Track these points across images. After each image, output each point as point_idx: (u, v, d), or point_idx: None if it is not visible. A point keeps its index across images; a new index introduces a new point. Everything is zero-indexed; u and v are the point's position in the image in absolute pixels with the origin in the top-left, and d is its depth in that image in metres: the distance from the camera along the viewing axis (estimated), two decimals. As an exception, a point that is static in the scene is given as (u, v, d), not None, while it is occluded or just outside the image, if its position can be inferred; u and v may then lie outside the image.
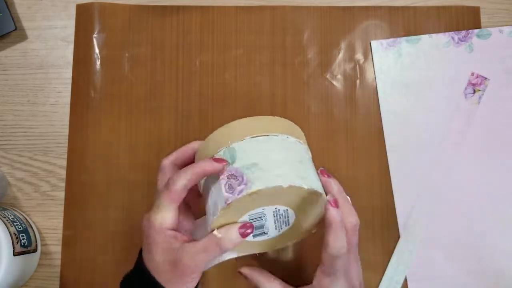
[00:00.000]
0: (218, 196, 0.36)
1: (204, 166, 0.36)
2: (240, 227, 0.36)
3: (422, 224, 0.51)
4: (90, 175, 0.52)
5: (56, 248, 0.51)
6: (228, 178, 0.36)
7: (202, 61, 0.53)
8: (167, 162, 0.41)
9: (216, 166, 0.36)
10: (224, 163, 0.36)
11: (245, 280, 0.45)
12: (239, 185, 0.35)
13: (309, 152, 0.41)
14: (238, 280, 0.48)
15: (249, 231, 0.36)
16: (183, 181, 0.36)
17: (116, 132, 0.52)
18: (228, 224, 0.37)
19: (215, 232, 0.36)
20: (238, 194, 0.35)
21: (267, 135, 0.37)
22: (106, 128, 0.52)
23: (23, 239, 0.48)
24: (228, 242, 0.36)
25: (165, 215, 0.37)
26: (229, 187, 0.35)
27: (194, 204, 0.43)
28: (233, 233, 0.36)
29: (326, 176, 0.40)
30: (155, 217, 0.37)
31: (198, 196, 0.42)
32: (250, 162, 0.36)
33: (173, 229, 0.38)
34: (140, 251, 0.41)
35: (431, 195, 0.51)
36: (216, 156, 0.37)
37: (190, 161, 0.41)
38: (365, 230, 0.51)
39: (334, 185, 0.40)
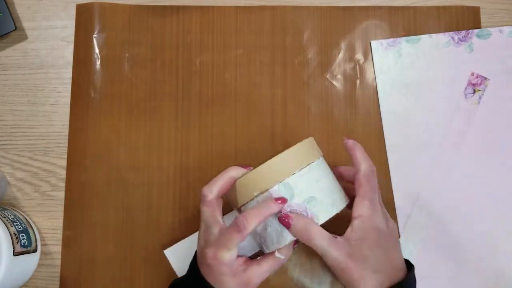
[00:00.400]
0: (282, 227, 0.40)
1: (271, 208, 0.39)
2: (294, 245, 0.42)
3: (422, 224, 0.51)
4: (90, 175, 0.52)
5: (56, 248, 0.51)
6: (291, 213, 0.39)
7: (202, 61, 0.53)
8: (212, 196, 0.41)
9: (281, 206, 0.39)
10: (285, 203, 0.39)
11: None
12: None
13: (326, 163, 0.44)
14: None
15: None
16: (255, 223, 0.39)
17: (116, 132, 0.52)
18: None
19: (277, 254, 0.41)
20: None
21: (309, 165, 0.40)
22: (106, 128, 0.52)
23: (23, 239, 0.48)
24: (286, 259, 0.41)
25: (234, 253, 0.39)
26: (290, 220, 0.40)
27: None
28: (289, 251, 0.41)
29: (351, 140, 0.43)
30: (224, 255, 0.39)
31: None
32: (308, 196, 0.40)
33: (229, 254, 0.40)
34: (192, 273, 0.42)
35: (431, 195, 0.51)
36: (271, 191, 0.39)
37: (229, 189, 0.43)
38: (365, 230, 0.51)
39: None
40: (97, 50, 0.53)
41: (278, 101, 0.53)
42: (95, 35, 0.53)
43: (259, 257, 0.42)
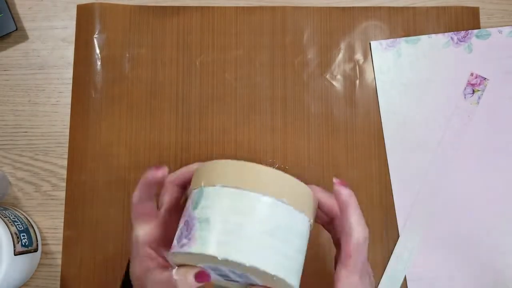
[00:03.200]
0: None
1: (146, 175, 0.36)
2: (196, 275, 0.32)
3: (422, 224, 0.51)
4: (91, 175, 0.52)
5: (56, 247, 0.52)
6: (184, 224, 0.31)
7: (202, 62, 0.54)
8: (168, 180, 0.38)
9: (155, 174, 0.36)
10: (164, 171, 0.36)
11: None
12: (185, 237, 0.31)
13: (306, 234, 0.33)
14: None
15: (205, 279, 0.33)
16: (136, 194, 0.37)
17: (116, 132, 0.52)
18: (187, 265, 0.33)
19: (174, 272, 0.32)
20: (180, 248, 0.31)
21: (248, 190, 0.30)
22: (107, 128, 0.52)
23: (24, 238, 0.48)
24: (184, 286, 0.33)
25: (142, 232, 0.36)
26: (180, 233, 0.32)
27: None
28: (189, 278, 0.32)
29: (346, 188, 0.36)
30: (133, 235, 0.37)
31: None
32: (205, 216, 0.30)
33: (152, 246, 0.37)
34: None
35: (430, 195, 0.51)
36: (191, 192, 0.33)
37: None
38: (364, 229, 0.51)
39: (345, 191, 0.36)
40: (97, 51, 0.53)
41: (278, 101, 0.53)
42: (95, 36, 0.54)
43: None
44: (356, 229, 0.34)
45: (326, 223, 0.37)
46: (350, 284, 0.34)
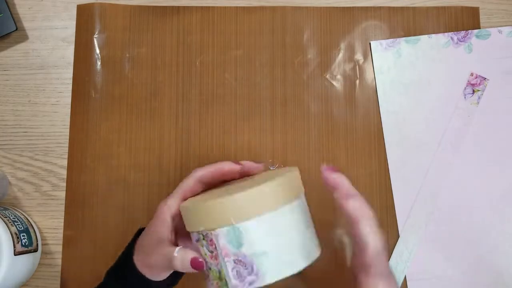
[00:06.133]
0: (226, 274, 0.34)
1: (223, 164, 0.38)
2: (192, 260, 0.35)
3: (422, 223, 0.51)
4: (91, 175, 0.52)
5: (56, 247, 0.52)
6: (235, 262, 0.33)
7: (202, 62, 0.54)
8: (198, 174, 0.39)
9: (234, 167, 0.38)
10: (240, 167, 0.38)
11: None
12: (249, 274, 0.33)
13: (306, 204, 0.37)
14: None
15: (200, 266, 0.35)
16: (201, 172, 0.38)
17: (116, 132, 0.53)
18: (188, 249, 0.36)
19: (176, 250, 0.35)
20: (249, 285, 0.33)
21: (275, 210, 0.33)
22: (107, 128, 0.53)
23: (24, 238, 0.48)
24: (179, 265, 0.35)
25: (174, 203, 0.38)
26: (237, 273, 0.33)
27: None
28: (186, 261, 0.35)
29: (333, 173, 0.36)
30: (165, 202, 0.38)
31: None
32: (260, 250, 0.32)
33: (174, 219, 0.38)
34: (141, 228, 0.42)
35: (430, 195, 0.51)
36: (218, 231, 0.33)
37: (217, 179, 0.40)
38: (364, 229, 0.51)
39: (345, 181, 0.36)
40: (97, 51, 0.53)
41: (278, 101, 0.53)
42: (95, 36, 0.54)
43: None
44: (370, 240, 0.33)
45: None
46: None
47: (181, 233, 0.39)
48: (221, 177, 0.39)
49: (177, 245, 0.37)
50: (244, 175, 0.40)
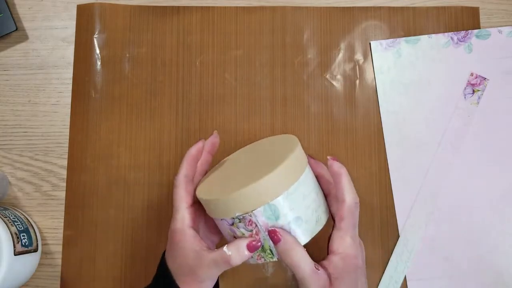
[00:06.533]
0: (270, 245, 0.38)
1: (189, 151, 0.42)
2: (248, 246, 0.37)
3: (422, 223, 0.51)
4: (91, 175, 0.52)
5: (56, 247, 0.52)
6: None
7: (202, 62, 0.54)
8: (180, 177, 0.41)
9: (198, 146, 0.42)
10: (202, 142, 0.43)
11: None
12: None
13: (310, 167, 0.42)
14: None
15: (257, 247, 0.37)
16: (182, 173, 0.41)
17: (116, 132, 0.53)
18: (236, 239, 0.38)
19: (225, 249, 0.37)
20: None
21: (297, 181, 0.37)
22: (107, 128, 0.53)
23: (24, 238, 0.48)
24: (237, 259, 0.37)
25: (182, 215, 0.40)
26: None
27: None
28: (242, 250, 0.37)
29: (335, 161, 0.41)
30: (174, 222, 0.40)
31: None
32: (294, 216, 0.37)
33: (192, 228, 0.40)
34: (163, 256, 0.42)
35: (430, 195, 0.51)
36: (255, 212, 0.37)
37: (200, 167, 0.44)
38: (365, 229, 0.51)
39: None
40: (97, 51, 0.53)
41: (278, 101, 0.53)
42: (95, 36, 0.54)
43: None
44: (348, 195, 0.39)
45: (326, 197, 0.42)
46: (342, 243, 0.38)
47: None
48: (196, 164, 0.43)
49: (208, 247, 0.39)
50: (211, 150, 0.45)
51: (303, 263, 0.37)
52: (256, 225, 0.37)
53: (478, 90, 0.53)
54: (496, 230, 0.51)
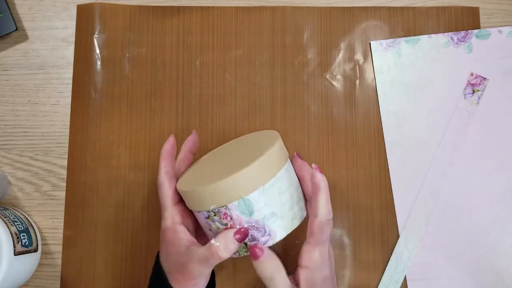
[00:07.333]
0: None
1: (164, 147, 0.43)
2: (235, 233, 0.37)
3: (422, 223, 0.51)
4: (91, 175, 0.52)
5: (56, 247, 0.52)
6: (250, 228, 0.38)
7: (202, 62, 0.54)
8: (161, 175, 0.42)
9: (170, 141, 0.43)
10: (172, 137, 0.43)
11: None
12: (262, 236, 0.38)
13: (291, 163, 0.42)
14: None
15: (245, 235, 0.37)
16: (163, 170, 0.41)
17: (116, 132, 0.53)
18: (223, 231, 0.38)
19: (212, 241, 0.37)
20: (264, 245, 0.38)
21: (274, 176, 0.38)
22: (107, 128, 0.53)
23: (24, 238, 0.48)
24: (225, 251, 0.37)
25: (170, 213, 0.40)
26: (251, 237, 0.38)
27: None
28: (230, 240, 0.37)
29: (318, 170, 0.40)
30: (164, 221, 0.41)
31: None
32: (269, 212, 0.37)
33: (183, 224, 0.40)
34: (157, 256, 0.43)
35: (430, 195, 0.51)
36: (229, 206, 0.37)
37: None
38: (364, 229, 0.51)
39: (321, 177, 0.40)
40: (97, 51, 0.53)
41: (278, 101, 0.53)
42: (95, 36, 0.54)
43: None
44: (322, 211, 0.39)
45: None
46: (310, 258, 0.39)
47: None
48: (173, 160, 0.44)
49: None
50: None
51: (282, 285, 0.38)
52: (232, 219, 0.37)
53: (478, 90, 0.53)
54: (496, 230, 0.51)
